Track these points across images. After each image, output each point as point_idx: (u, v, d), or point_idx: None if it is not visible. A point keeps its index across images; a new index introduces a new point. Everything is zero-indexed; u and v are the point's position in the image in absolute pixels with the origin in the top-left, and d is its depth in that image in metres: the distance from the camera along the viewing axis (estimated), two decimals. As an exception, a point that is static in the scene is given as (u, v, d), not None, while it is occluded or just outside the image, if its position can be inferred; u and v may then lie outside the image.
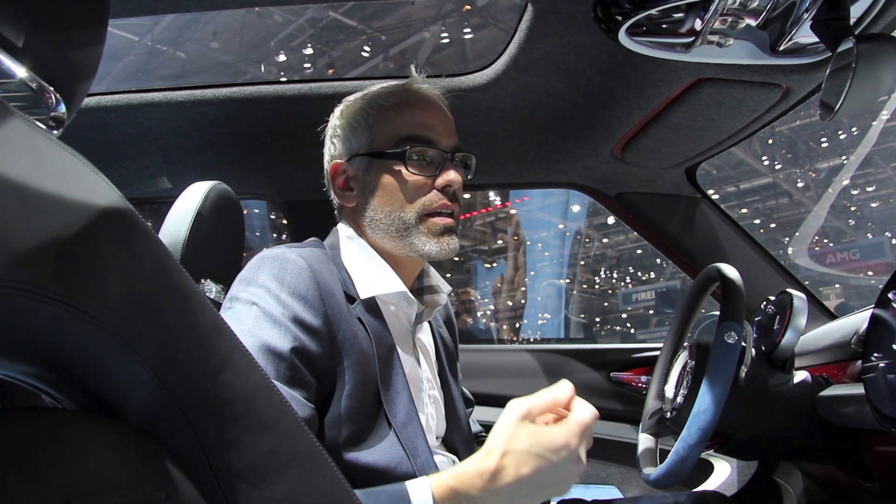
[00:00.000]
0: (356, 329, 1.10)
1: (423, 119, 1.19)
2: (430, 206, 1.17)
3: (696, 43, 1.24)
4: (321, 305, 1.05)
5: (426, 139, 1.18)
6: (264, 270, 1.07)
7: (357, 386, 1.06)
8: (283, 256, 1.09)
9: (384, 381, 1.11)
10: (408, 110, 1.20)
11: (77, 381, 0.55)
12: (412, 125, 1.19)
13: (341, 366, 1.06)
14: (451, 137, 1.22)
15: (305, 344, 1.01)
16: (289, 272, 1.06)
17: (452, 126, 1.24)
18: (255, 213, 8.53)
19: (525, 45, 1.38)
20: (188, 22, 12.71)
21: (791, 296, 1.36)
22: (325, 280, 1.09)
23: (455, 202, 1.20)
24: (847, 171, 17.41)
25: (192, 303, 0.60)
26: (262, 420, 0.63)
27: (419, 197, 1.17)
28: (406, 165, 1.17)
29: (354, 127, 1.22)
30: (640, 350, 2.18)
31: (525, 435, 0.88)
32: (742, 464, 1.95)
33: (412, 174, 1.17)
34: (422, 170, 1.18)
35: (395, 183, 1.18)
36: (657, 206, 2.02)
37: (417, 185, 1.17)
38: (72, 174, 0.52)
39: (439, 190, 1.18)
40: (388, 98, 1.21)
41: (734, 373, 1.20)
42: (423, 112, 1.20)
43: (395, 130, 1.19)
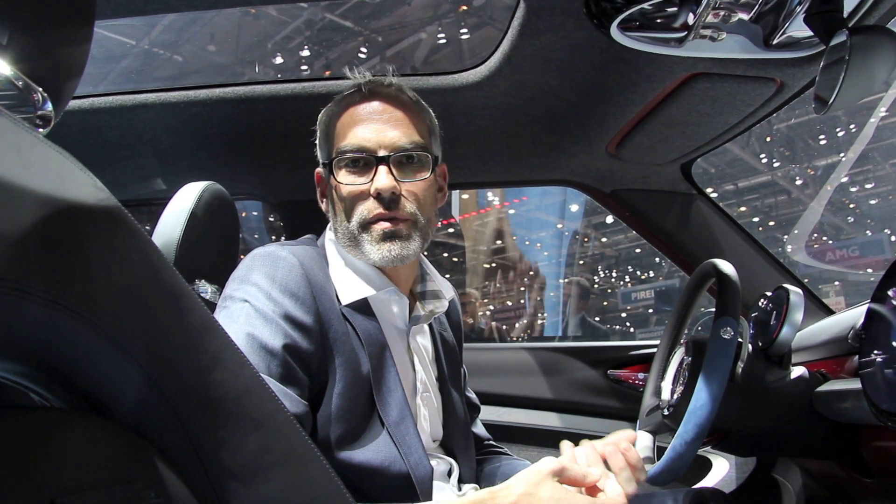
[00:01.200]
0: (348, 327, 1.10)
1: (355, 126, 1.16)
2: (367, 216, 1.15)
3: (689, 37, 1.24)
4: (312, 303, 1.05)
5: (358, 147, 1.15)
6: (256, 268, 1.07)
7: (349, 384, 1.06)
8: (274, 254, 1.09)
9: (377, 380, 1.10)
10: (345, 118, 1.18)
11: (65, 380, 0.54)
12: (345, 135, 1.17)
13: (333, 364, 1.06)
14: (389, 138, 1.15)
15: (297, 341, 1.01)
16: (280, 270, 1.06)
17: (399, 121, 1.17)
18: (252, 216, 8.52)
19: (518, 42, 1.38)
20: (185, 25, 12.71)
21: (787, 291, 1.35)
22: (316, 278, 1.10)
23: (395, 208, 1.14)
24: (844, 168, 17.41)
25: (183, 301, 0.60)
26: (254, 418, 0.63)
27: (355, 206, 1.15)
28: (336, 175, 1.16)
29: (321, 136, 1.24)
30: (638, 347, 2.18)
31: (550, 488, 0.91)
32: (740, 461, 1.95)
33: (344, 184, 1.16)
34: (353, 178, 1.16)
35: (337, 194, 1.18)
36: (653, 202, 2.01)
37: (353, 194, 1.15)
38: (58, 172, 0.52)
39: (375, 197, 1.14)
40: (339, 102, 1.21)
41: (730, 368, 1.19)
42: (362, 114, 1.17)
43: (336, 139, 1.19)
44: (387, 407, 1.10)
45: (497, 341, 9.34)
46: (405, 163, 1.17)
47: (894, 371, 1.01)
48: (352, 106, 1.19)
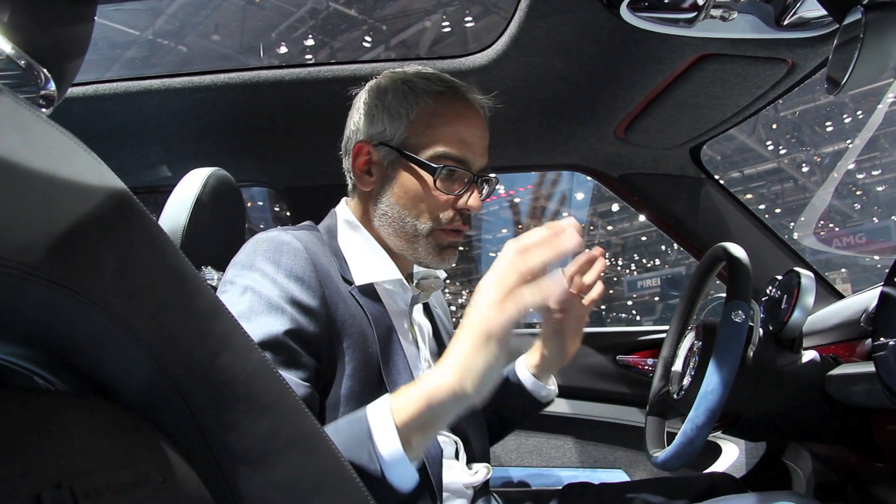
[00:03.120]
0: (354, 310, 1.09)
1: (463, 136, 1.17)
2: (444, 225, 1.18)
3: (700, 17, 1.22)
4: (318, 287, 1.05)
5: (461, 159, 1.16)
6: (260, 253, 1.06)
7: (358, 366, 1.05)
8: (278, 239, 1.08)
9: (385, 362, 1.10)
10: (452, 121, 1.17)
11: (71, 363, 0.54)
12: (453, 140, 1.16)
13: (341, 347, 1.05)
14: (484, 157, 1.21)
15: (303, 325, 1.01)
16: (285, 254, 1.05)
17: (487, 144, 1.22)
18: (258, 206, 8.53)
19: (525, 24, 1.36)
20: (189, 14, 12.71)
21: (798, 275, 1.34)
22: (321, 262, 1.09)
23: (468, 223, 1.21)
24: (851, 154, 17.36)
25: (189, 284, 0.59)
26: (262, 402, 0.63)
27: (437, 212, 1.17)
28: (435, 180, 1.15)
29: (392, 114, 1.18)
30: (646, 333, 2.17)
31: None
32: (750, 446, 1.95)
33: (437, 190, 1.16)
34: (448, 188, 1.17)
35: (419, 190, 1.17)
36: (661, 186, 2.00)
37: (440, 200, 1.17)
38: (62, 152, 0.51)
39: (458, 210, 1.18)
40: (438, 100, 1.17)
41: (742, 352, 1.18)
42: (466, 128, 1.18)
43: (434, 138, 1.16)
44: (396, 388, 1.10)
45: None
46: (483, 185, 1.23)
47: (908, 354, 1.00)
48: (455, 110, 1.18)
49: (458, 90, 1.20)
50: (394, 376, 1.11)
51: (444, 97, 1.18)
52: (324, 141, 1.25)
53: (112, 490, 0.47)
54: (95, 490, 0.45)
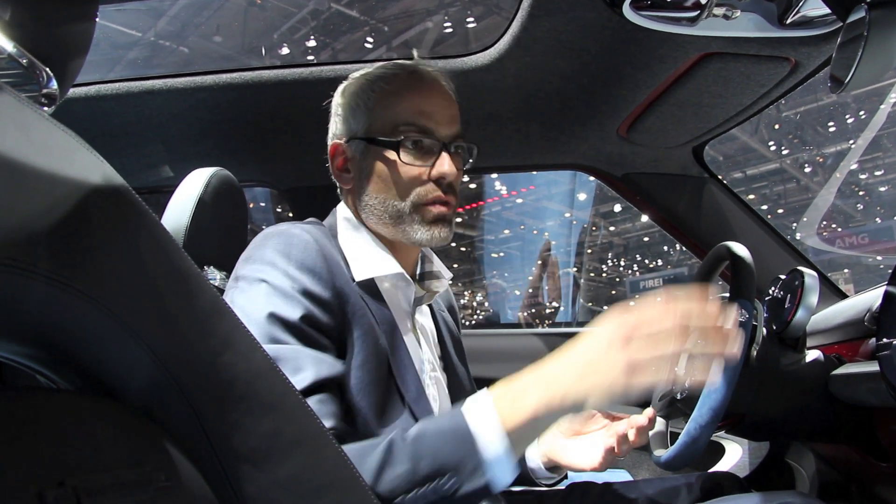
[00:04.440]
0: (363, 301, 1.10)
1: (421, 106, 1.16)
2: (424, 198, 1.15)
3: (703, 16, 1.22)
4: (330, 278, 1.05)
5: (422, 128, 1.15)
6: (269, 247, 1.06)
7: (367, 357, 1.05)
8: (287, 232, 1.08)
9: (393, 356, 1.10)
10: (407, 96, 1.17)
11: (73, 362, 0.54)
12: (410, 112, 1.16)
13: (351, 337, 1.05)
14: (452, 125, 1.18)
15: (317, 315, 1.01)
16: (295, 247, 1.05)
17: (455, 113, 1.20)
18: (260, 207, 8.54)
19: (528, 24, 1.36)
20: (191, 15, 12.73)
21: (802, 274, 1.34)
22: (331, 253, 1.10)
23: (451, 193, 1.17)
24: (854, 155, 17.33)
25: (192, 283, 0.59)
26: (265, 401, 0.63)
27: (413, 187, 1.15)
28: (399, 155, 1.14)
29: (354, 108, 1.20)
30: None
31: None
32: (754, 446, 1.94)
33: (406, 164, 1.15)
34: (416, 159, 1.15)
35: (389, 171, 1.16)
36: (664, 186, 2.00)
37: (412, 175, 1.15)
38: (64, 151, 0.51)
39: (434, 181, 1.15)
40: (390, 81, 1.18)
41: (745, 352, 1.18)
42: (423, 98, 1.17)
43: (392, 116, 1.16)
44: (406, 382, 1.11)
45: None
46: (457, 153, 1.19)
47: (912, 353, 1.00)
48: (408, 86, 1.18)
49: (409, 67, 1.20)
50: (401, 370, 1.11)
51: (397, 77, 1.18)
52: (325, 141, 1.26)
53: (115, 489, 0.47)
54: (98, 489, 0.45)
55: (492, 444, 0.85)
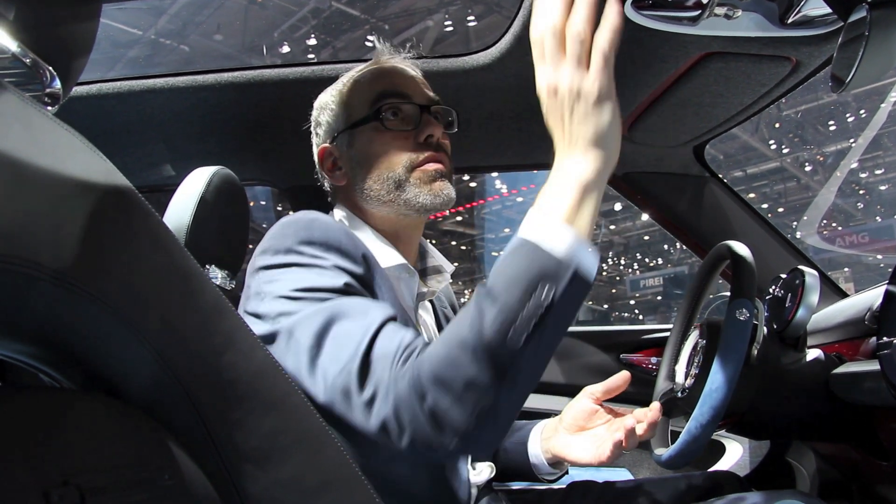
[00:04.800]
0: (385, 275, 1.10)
1: (392, 79, 1.21)
2: (417, 160, 1.16)
3: (704, 15, 1.22)
4: (356, 251, 1.04)
5: (399, 94, 1.18)
6: (290, 235, 1.03)
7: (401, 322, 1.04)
8: (306, 217, 1.06)
9: None
10: (377, 76, 1.22)
11: (77, 361, 0.54)
12: (382, 85, 1.19)
13: None
14: (426, 92, 1.22)
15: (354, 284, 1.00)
16: (316, 230, 1.03)
17: (425, 85, 1.24)
18: (261, 206, 8.54)
19: (530, 22, 1.36)
20: (192, 14, 12.71)
21: (803, 273, 1.34)
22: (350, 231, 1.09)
23: (441, 151, 1.19)
24: (854, 153, 17.33)
25: (194, 282, 0.59)
26: (267, 400, 0.63)
27: (404, 153, 1.16)
28: (383, 123, 1.16)
29: (331, 109, 1.24)
30: (650, 331, 2.17)
31: None
32: (754, 444, 1.94)
33: (391, 131, 1.16)
34: (400, 125, 1.17)
35: (378, 145, 1.17)
36: (665, 185, 2.00)
37: (399, 141, 1.16)
38: (67, 150, 0.51)
39: (422, 143, 1.17)
40: (358, 73, 1.24)
41: (746, 351, 1.18)
42: (393, 74, 1.22)
43: (366, 96, 1.19)
44: None
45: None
46: (438, 117, 1.22)
47: (913, 352, 1.00)
48: (377, 68, 1.23)
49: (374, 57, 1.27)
50: None
51: (364, 69, 1.25)
52: None
53: (118, 487, 0.47)
54: (102, 487, 0.45)
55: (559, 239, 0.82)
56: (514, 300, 0.79)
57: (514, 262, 0.82)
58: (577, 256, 0.81)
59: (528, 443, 1.35)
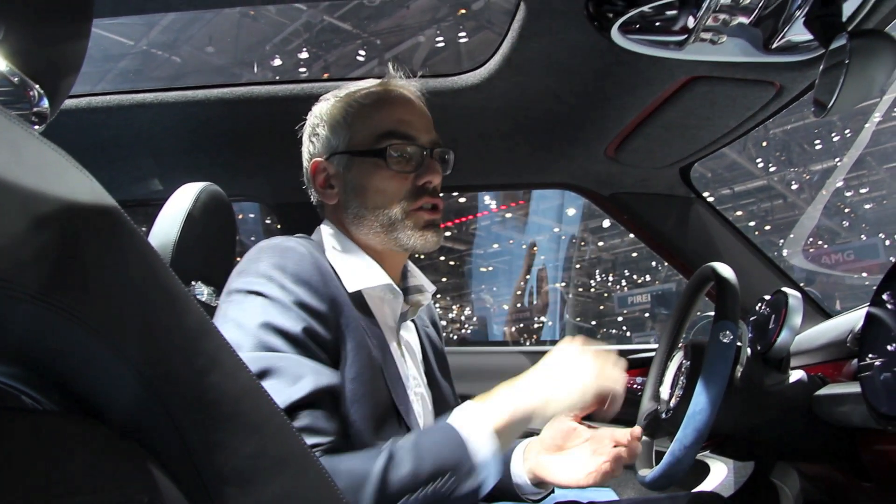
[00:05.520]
0: (356, 314, 1.11)
1: (400, 115, 1.20)
2: (414, 203, 1.18)
3: (690, 40, 1.23)
4: (325, 289, 1.06)
5: (405, 135, 1.19)
6: (265, 260, 1.06)
7: (362, 369, 1.06)
8: (282, 245, 1.09)
9: (386, 368, 1.11)
10: (385, 107, 1.21)
11: (58, 382, 0.53)
12: (390, 122, 1.19)
13: (345, 348, 1.06)
14: (430, 133, 1.23)
15: (314, 327, 1.02)
16: (290, 259, 1.06)
17: (430, 122, 1.24)
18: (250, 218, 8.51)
19: (518, 45, 1.37)
20: (184, 26, 12.71)
21: (786, 295, 1.35)
22: (324, 265, 1.11)
23: (437, 197, 1.21)
24: (840, 173, 17.48)
25: (179, 303, 0.59)
26: (250, 422, 0.62)
27: (402, 194, 1.18)
28: (387, 163, 1.17)
29: (333, 125, 1.23)
30: (636, 351, 2.17)
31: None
32: (738, 465, 1.95)
33: (393, 171, 1.18)
34: (402, 167, 1.18)
35: (377, 180, 1.18)
36: (652, 206, 2.01)
37: (399, 182, 1.18)
38: (54, 170, 0.51)
39: (420, 186, 1.19)
40: (366, 97, 1.22)
41: (730, 373, 1.19)
42: (401, 108, 1.21)
43: (373, 128, 1.19)
44: (399, 396, 1.12)
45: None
46: (437, 160, 1.23)
47: (893, 374, 1.00)
48: (386, 99, 1.22)
49: (383, 83, 1.25)
50: (393, 382, 1.12)
51: (372, 93, 1.23)
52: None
53: (98, 510, 0.47)
54: (81, 510, 0.45)
55: (483, 446, 0.94)
56: (424, 473, 0.90)
57: (440, 441, 0.95)
58: (488, 468, 0.94)
59: (511, 463, 1.35)
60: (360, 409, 1.04)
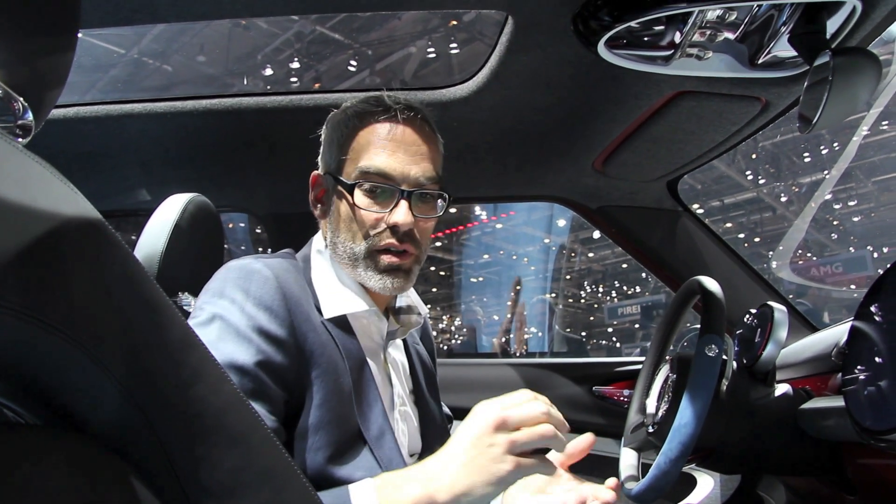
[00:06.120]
0: (325, 340, 1.09)
1: (385, 148, 1.13)
2: (377, 244, 1.14)
3: (676, 56, 1.24)
4: (287, 316, 1.05)
5: (383, 174, 1.12)
6: (230, 281, 1.06)
7: (328, 396, 1.05)
8: (248, 267, 1.08)
9: (357, 395, 1.10)
10: (372, 138, 1.15)
11: (40, 395, 0.53)
12: (373, 155, 1.13)
13: (309, 376, 1.05)
14: (417, 169, 1.14)
15: (270, 356, 1.01)
16: (254, 282, 1.05)
17: (424, 156, 1.16)
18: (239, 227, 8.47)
19: (506, 58, 1.38)
20: (175, 35, 12.70)
21: (772, 308, 1.36)
22: (291, 290, 1.09)
23: (408, 242, 1.15)
24: (827, 185, 17.60)
25: (163, 315, 0.59)
26: (233, 435, 0.62)
27: (368, 232, 1.14)
28: (354, 198, 1.13)
29: (330, 142, 1.21)
30: (623, 364, 2.18)
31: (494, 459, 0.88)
32: (725, 478, 1.95)
33: (361, 208, 1.13)
34: (372, 205, 1.13)
35: (348, 212, 1.15)
36: (639, 219, 2.02)
37: (367, 219, 1.13)
38: (37, 183, 0.51)
39: (390, 228, 1.14)
40: (364, 118, 1.16)
41: (715, 386, 1.19)
42: (389, 142, 1.14)
43: (356, 157, 1.15)
44: (367, 422, 1.10)
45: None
46: (422, 200, 1.17)
47: (877, 389, 1.01)
48: (377, 125, 1.15)
49: (383, 104, 1.17)
50: (364, 408, 1.10)
51: (368, 115, 1.16)
52: (305, 168, 1.26)
53: (77, 526, 0.46)
54: (60, 526, 0.45)
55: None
56: None
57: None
58: None
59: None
60: (324, 436, 1.03)
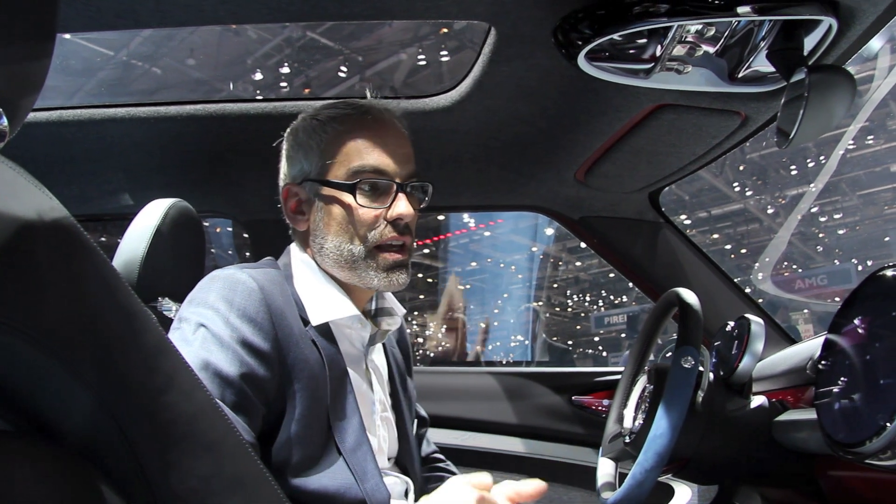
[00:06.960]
0: (307, 353, 1.09)
1: (376, 146, 1.16)
2: (380, 240, 1.15)
3: (656, 69, 1.25)
4: (271, 328, 1.05)
5: (378, 169, 1.15)
6: (214, 291, 1.06)
7: (306, 409, 1.05)
8: (233, 277, 1.08)
9: (334, 407, 1.10)
10: (361, 136, 1.16)
11: (11, 400, 0.53)
12: (365, 154, 1.15)
13: (291, 389, 1.05)
14: (406, 165, 1.19)
15: (253, 368, 1.00)
16: (238, 294, 1.05)
17: (409, 152, 1.21)
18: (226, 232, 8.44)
19: (488, 69, 1.39)
20: (164, 38, 12.65)
21: (749, 321, 1.37)
22: (276, 302, 1.08)
23: (407, 234, 1.18)
24: (810, 197, 17.73)
25: (137, 321, 0.59)
26: (205, 441, 0.62)
27: (370, 230, 1.15)
28: (356, 198, 1.14)
29: (306, 150, 1.19)
30: (603, 374, 2.19)
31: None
32: (702, 488, 1.96)
33: (362, 207, 1.14)
34: (372, 202, 1.15)
35: (345, 214, 1.15)
36: (620, 230, 2.04)
37: (368, 217, 1.15)
38: (10, 188, 0.51)
39: (391, 222, 1.15)
40: (343, 121, 1.18)
41: (691, 397, 1.20)
42: (378, 139, 1.17)
43: (346, 158, 1.16)
44: (343, 434, 1.10)
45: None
46: (413, 193, 1.19)
47: (849, 402, 1.02)
48: (362, 127, 1.17)
49: (362, 107, 1.19)
50: (341, 421, 1.11)
51: (349, 118, 1.18)
52: None
53: (44, 533, 0.46)
54: (26, 533, 0.45)
55: None
56: None
57: None
58: None
59: None
60: (301, 449, 1.04)
